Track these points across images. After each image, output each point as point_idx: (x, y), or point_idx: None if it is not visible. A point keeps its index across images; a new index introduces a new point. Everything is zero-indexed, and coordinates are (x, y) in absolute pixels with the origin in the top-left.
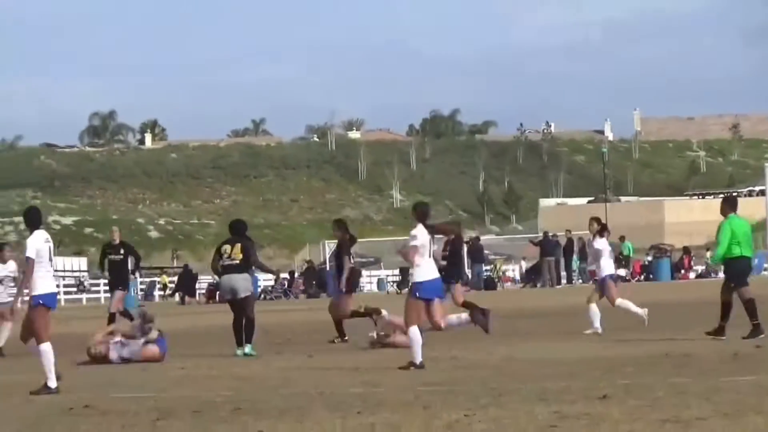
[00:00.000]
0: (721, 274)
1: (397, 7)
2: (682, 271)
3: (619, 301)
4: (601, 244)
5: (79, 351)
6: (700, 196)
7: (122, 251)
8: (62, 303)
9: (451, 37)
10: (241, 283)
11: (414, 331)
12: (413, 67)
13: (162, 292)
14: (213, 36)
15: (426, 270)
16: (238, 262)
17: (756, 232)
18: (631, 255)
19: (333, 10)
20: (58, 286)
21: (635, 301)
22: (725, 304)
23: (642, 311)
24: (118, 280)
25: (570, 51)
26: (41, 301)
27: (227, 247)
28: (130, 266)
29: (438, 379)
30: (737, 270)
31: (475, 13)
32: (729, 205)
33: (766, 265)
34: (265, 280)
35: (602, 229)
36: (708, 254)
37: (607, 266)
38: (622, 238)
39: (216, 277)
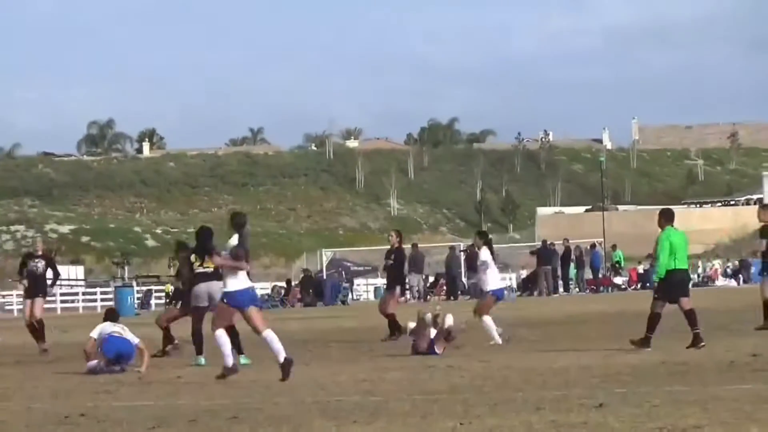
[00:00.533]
0: (718, 282)
1: (396, 15)
2: None
3: (485, 318)
4: (486, 255)
5: (76, 360)
6: (698, 205)
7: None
8: (58, 311)
9: (450, 46)
10: (218, 290)
11: (219, 334)
12: (412, 75)
13: (165, 300)
14: (211, 44)
15: (239, 280)
16: (212, 270)
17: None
18: (623, 263)
19: (332, 18)
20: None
21: (633, 308)
22: (655, 316)
23: (497, 338)
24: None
25: (569, 59)
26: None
27: (196, 256)
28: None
29: (435, 387)
30: (673, 282)
31: (474, 22)
32: (666, 218)
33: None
34: (262, 288)
35: (487, 242)
36: (641, 266)
37: (492, 280)
38: (613, 247)
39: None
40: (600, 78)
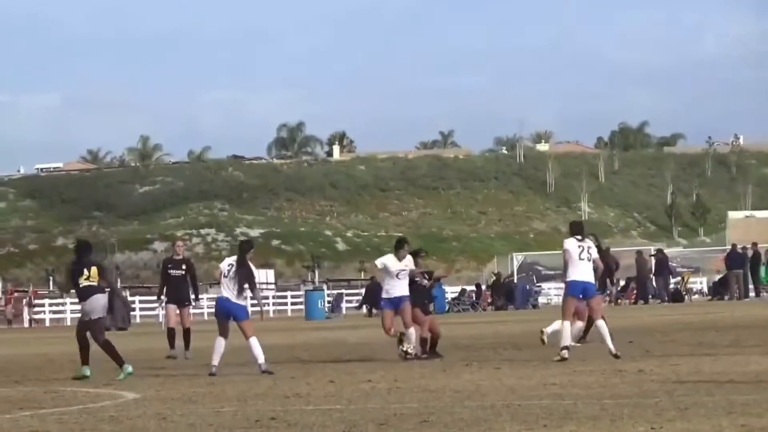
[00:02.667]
0: None
1: (587, 18)
2: None
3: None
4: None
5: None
6: None
7: (183, 267)
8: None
9: (640, 48)
10: (103, 303)
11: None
12: (602, 78)
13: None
14: (400, 47)
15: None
16: (96, 283)
17: None
18: None
19: (522, 20)
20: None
21: None
22: None
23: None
24: (182, 295)
25: (758, 61)
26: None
27: (84, 269)
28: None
29: (625, 392)
30: None
31: (664, 24)
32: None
33: None
34: (452, 292)
35: (414, 254)
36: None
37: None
38: None
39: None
40: None
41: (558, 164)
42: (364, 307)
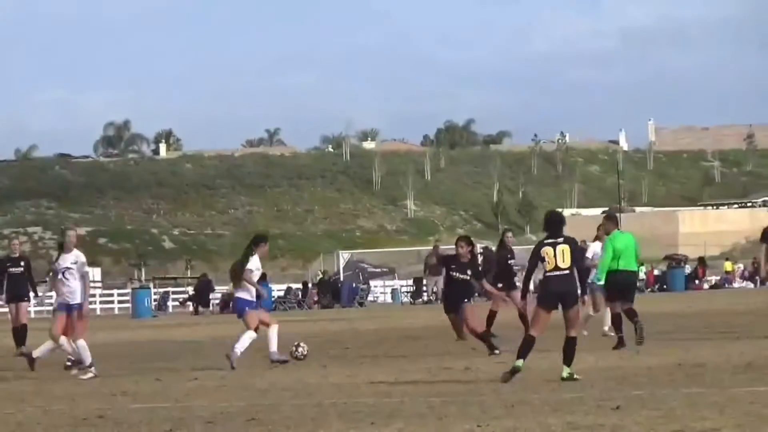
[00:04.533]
0: (736, 284)
1: (413, 16)
2: (697, 282)
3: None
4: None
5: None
6: (715, 207)
7: (22, 264)
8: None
9: (466, 47)
10: None
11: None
12: (428, 76)
13: (177, 303)
14: (226, 45)
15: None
16: None
17: None
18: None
19: (346, 19)
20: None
21: (649, 310)
22: (614, 317)
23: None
24: (22, 292)
25: (585, 60)
26: None
27: None
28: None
29: (452, 389)
30: (614, 283)
31: (490, 23)
32: (612, 222)
33: None
34: (278, 290)
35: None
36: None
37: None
38: None
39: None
40: (616, 79)
41: (384, 162)
42: (191, 304)
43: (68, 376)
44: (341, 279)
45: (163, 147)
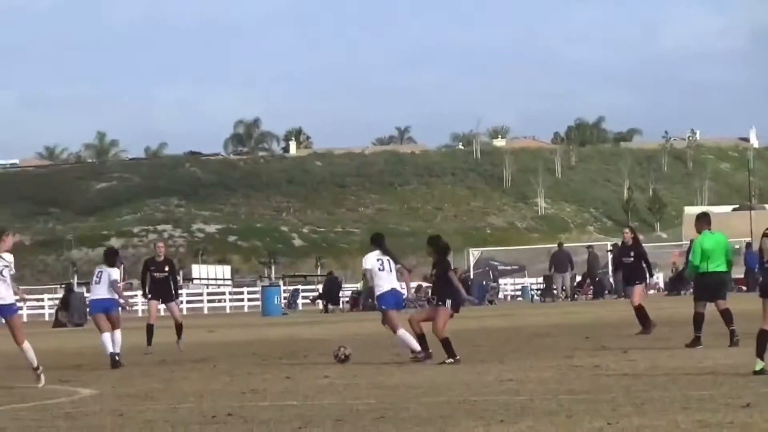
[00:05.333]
0: None
1: (544, 13)
2: None
3: None
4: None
5: (224, 360)
6: None
7: (167, 268)
8: (205, 311)
9: (597, 44)
10: None
11: None
12: (559, 74)
13: (307, 300)
14: (357, 44)
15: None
16: None
17: None
18: None
19: (478, 17)
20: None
21: None
22: (696, 316)
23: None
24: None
25: (714, 58)
26: None
27: None
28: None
29: (581, 387)
30: (701, 284)
31: (621, 20)
32: (704, 222)
33: None
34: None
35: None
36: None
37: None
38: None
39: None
40: (746, 77)
41: (514, 160)
42: (320, 302)
43: (198, 373)
44: (471, 277)
45: (293, 145)
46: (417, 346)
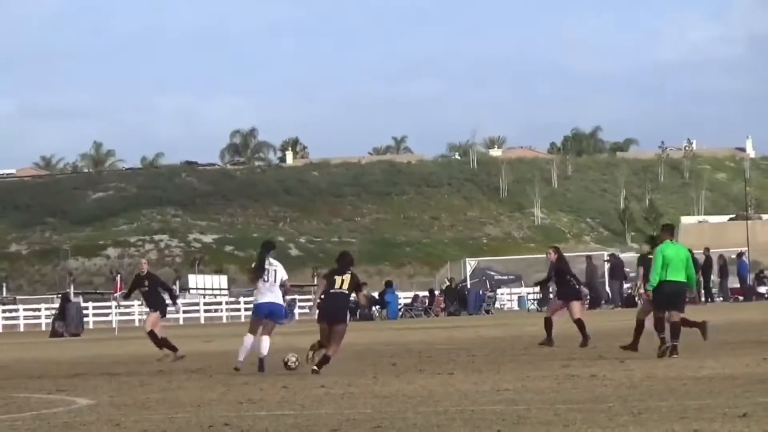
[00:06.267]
0: None
1: (541, 24)
2: None
3: None
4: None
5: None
6: None
7: (146, 283)
8: (202, 321)
9: (593, 54)
10: None
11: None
12: (555, 84)
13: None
14: (353, 52)
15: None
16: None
17: None
18: None
19: (474, 28)
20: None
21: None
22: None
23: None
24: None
25: (711, 67)
26: None
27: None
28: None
29: (578, 397)
30: (660, 292)
31: (617, 30)
32: (667, 233)
33: None
34: (405, 298)
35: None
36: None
37: None
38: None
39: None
40: (743, 86)
41: (511, 170)
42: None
43: (195, 383)
44: (468, 286)
45: (289, 155)
46: (242, 357)
